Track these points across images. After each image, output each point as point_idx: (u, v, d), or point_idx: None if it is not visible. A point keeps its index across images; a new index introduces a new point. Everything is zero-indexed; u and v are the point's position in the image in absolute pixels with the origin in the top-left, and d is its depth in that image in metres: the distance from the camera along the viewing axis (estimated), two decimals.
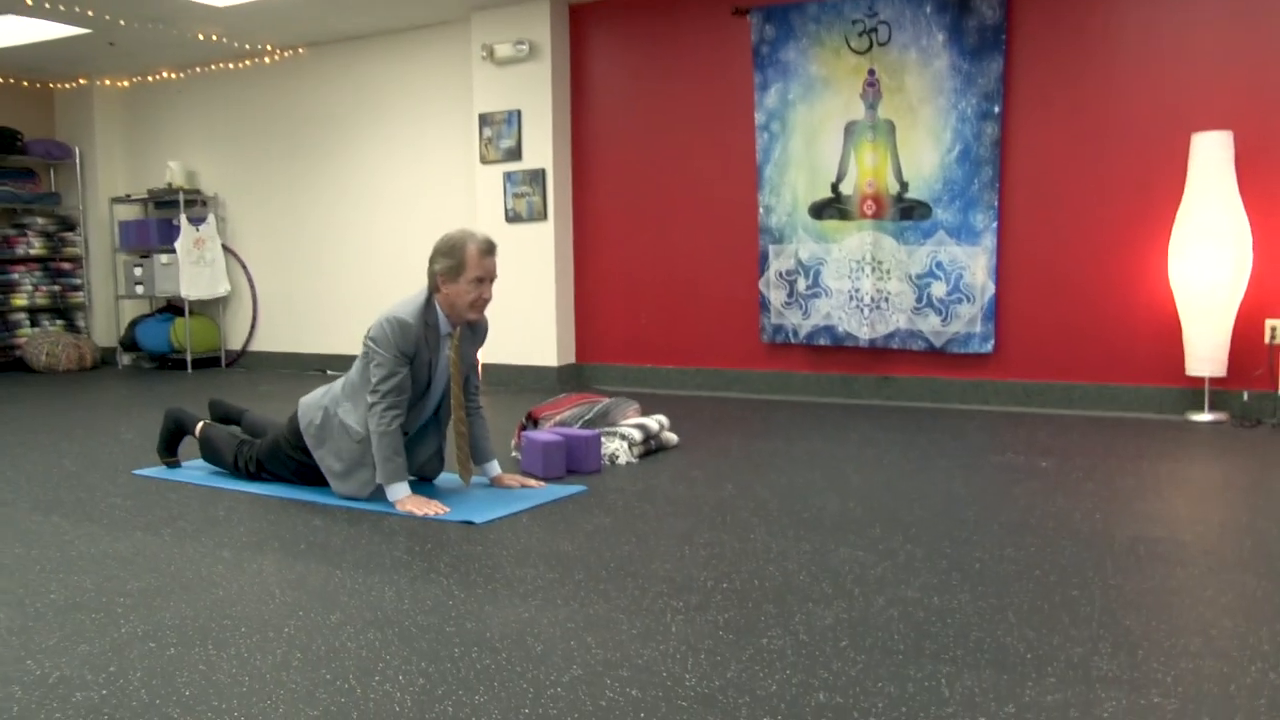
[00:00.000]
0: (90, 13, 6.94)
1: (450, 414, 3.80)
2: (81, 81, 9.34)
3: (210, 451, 4.13)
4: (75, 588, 2.73)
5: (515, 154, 7.06)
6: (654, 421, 4.63)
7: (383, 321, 3.56)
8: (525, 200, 7.06)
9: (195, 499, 3.81)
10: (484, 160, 7.19)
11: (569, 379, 7.05)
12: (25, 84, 9.38)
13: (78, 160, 9.37)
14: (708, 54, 6.57)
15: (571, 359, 7.20)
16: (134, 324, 8.96)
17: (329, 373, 7.94)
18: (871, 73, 5.94)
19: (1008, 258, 5.75)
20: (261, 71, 8.49)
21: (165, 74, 9.01)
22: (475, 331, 3.82)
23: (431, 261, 3.61)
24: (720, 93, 6.54)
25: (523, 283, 7.10)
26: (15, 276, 9.08)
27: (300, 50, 8.24)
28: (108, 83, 9.33)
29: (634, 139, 6.89)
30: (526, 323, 7.12)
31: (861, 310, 6.08)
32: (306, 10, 7.10)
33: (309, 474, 3.83)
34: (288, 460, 3.87)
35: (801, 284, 6.26)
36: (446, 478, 4.05)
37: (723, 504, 3.57)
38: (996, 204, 5.68)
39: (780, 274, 6.35)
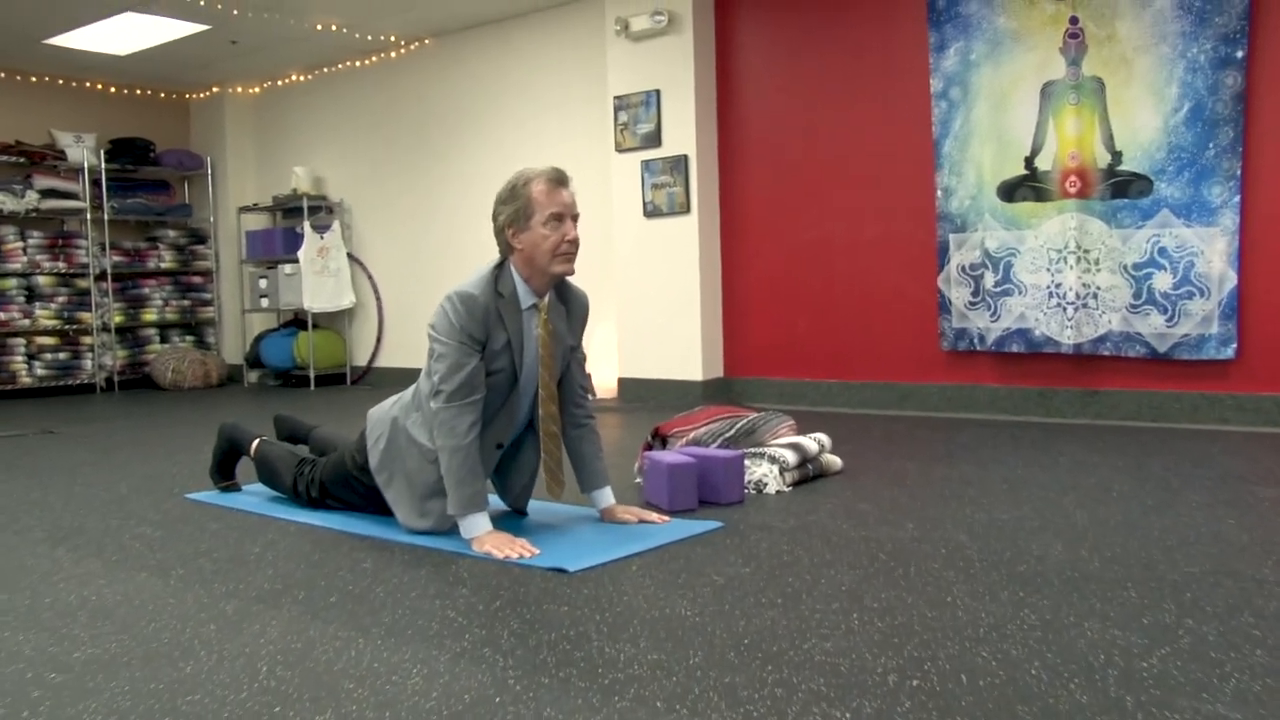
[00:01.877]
0: (202, 1, 6.50)
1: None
2: (214, 90, 9.05)
3: (267, 473, 3.43)
4: (5, 655, 2.01)
5: (654, 139, 6.27)
6: (812, 441, 3.72)
7: (444, 300, 2.78)
8: (665, 191, 6.25)
9: (236, 531, 3.10)
10: (619, 148, 6.43)
11: (716, 395, 6.17)
12: (162, 95, 9.17)
13: (209, 170, 9.07)
14: (873, 14, 5.64)
15: (719, 372, 6.34)
16: (259, 339, 8.55)
17: None
18: (1074, 21, 4.90)
19: (1254, 240, 4.61)
20: (388, 68, 7.98)
21: (294, 77, 8.62)
22: (571, 308, 3.00)
23: (494, 218, 2.87)
24: (888, 58, 5.59)
25: (663, 285, 6.29)
26: (146, 291, 8.81)
27: (426, 41, 7.68)
28: (239, 90, 9.02)
29: (788, 118, 6.00)
30: (667, 331, 6.29)
31: (1064, 310, 5.01)
32: None
33: (380, 500, 3.08)
34: (354, 483, 3.13)
35: (989, 280, 5.23)
36: (540, 507, 3.24)
37: (903, 549, 2.64)
38: (1239, 173, 4.55)
39: (963, 268, 5.34)
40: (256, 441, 3.50)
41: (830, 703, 1.65)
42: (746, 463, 3.51)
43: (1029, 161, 5.08)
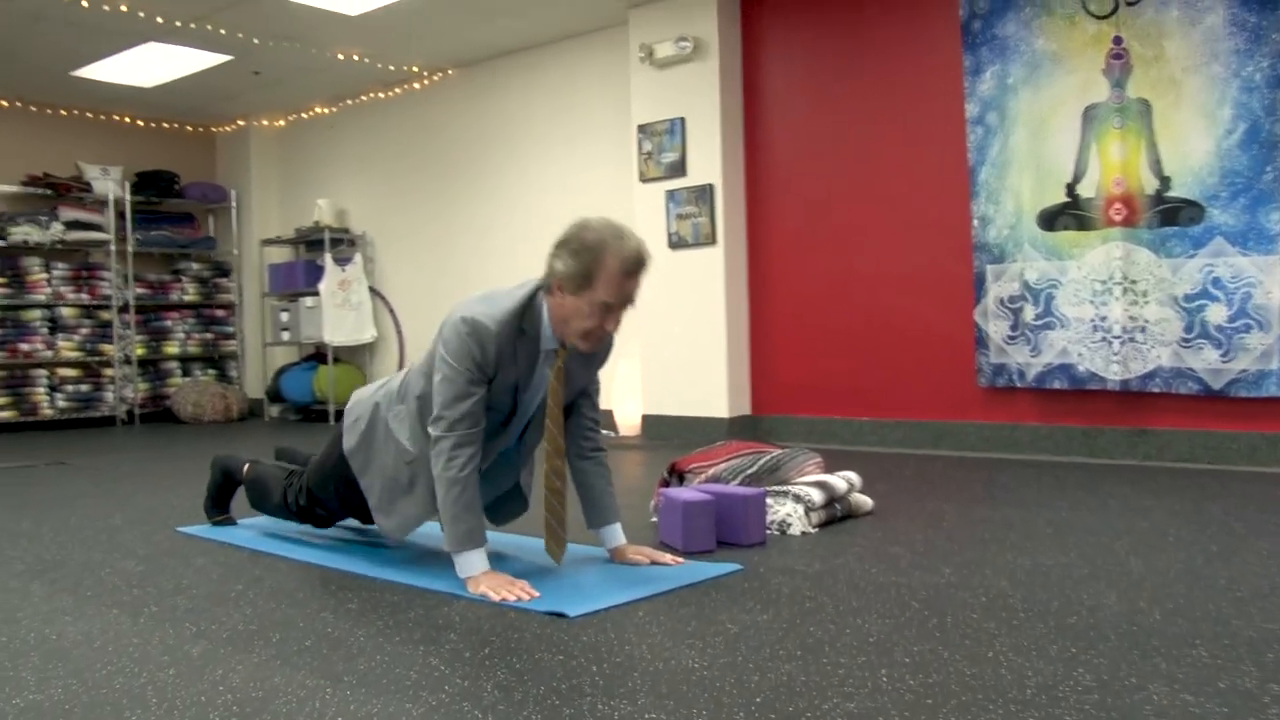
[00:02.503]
0: (222, 31, 6.43)
1: (540, 438, 2.74)
2: (240, 123, 9.00)
3: (258, 493, 3.22)
4: None
5: (679, 169, 6.09)
6: (840, 480, 3.48)
7: (458, 321, 2.51)
8: (690, 222, 6.06)
9: (221, 566, 2.90)
10: (643, 178, 6.25)
11: (743, 433, 5.92)
12: (189, 128, 9.13)
13: (234, 203, 8.99)
14: (905, 37, 5.45)
15: (746, 410, 6.10)
16: (280, 373, 8.40)
17: None
18: (1118, 41, 4.68)
19: None
20: (411, 99, 7.87)
21: (318, 109, 8.55)
22: (594, 353, 2.75)
23: (554, 256, 2.52)
24: (921, 83, 5.38)
25: (688, 318, 6.08)
26: (169, 324, 8.71)
27: (449, 72, 7.57)
28: (265, 123, 8.96)
29: (818, 146, 5.80)
30: (692, 366, 6.08)
31: (1109, 344, 4.75)
32: (447, 20, 6.40)
33: (357, 501, 2.86)
34: (334, 479, 2.89)
35: (1029, 313, 4.98)
36: (538, 547, 3.01)
37: (939, 597, 2.39)
38: None
39: (1001, 301, 5.09)
40: (248, 465, 3.31)
41: None
42: (769, 501, 3.27)
43: (1071, 188, 4.85)
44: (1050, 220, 4.91)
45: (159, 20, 6.23)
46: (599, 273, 2.45)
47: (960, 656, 1.93)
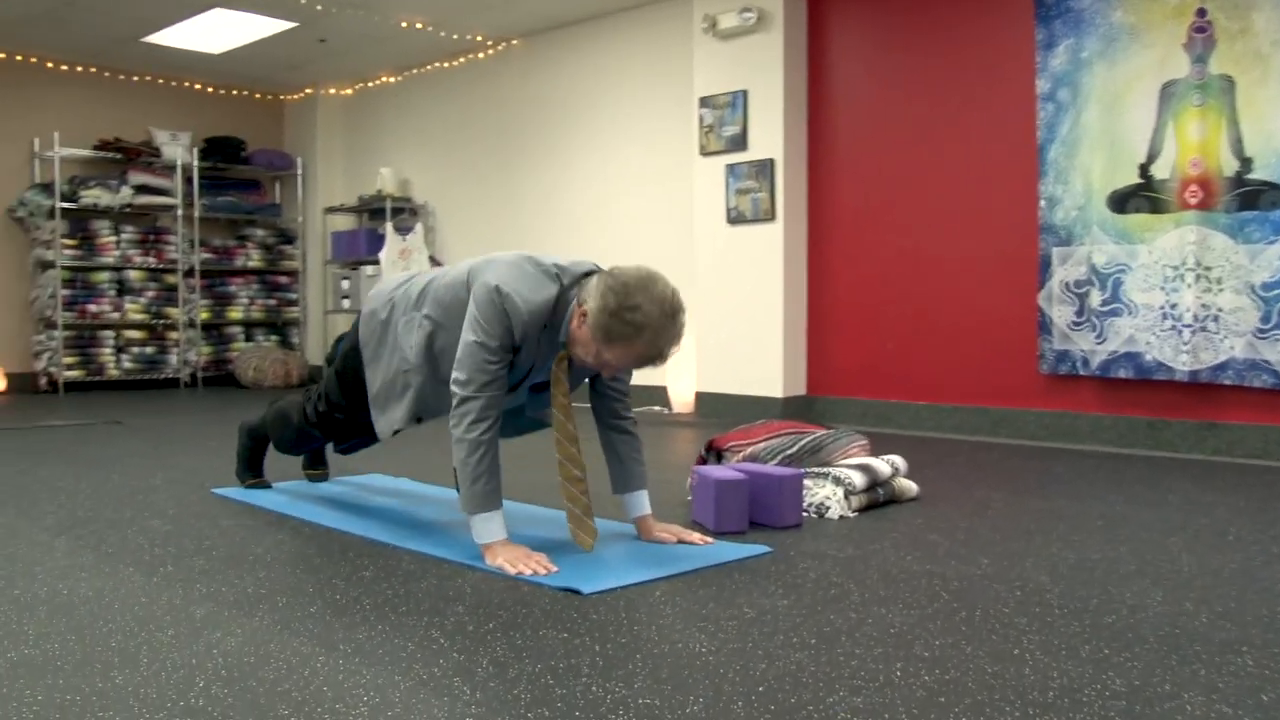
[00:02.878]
0: None
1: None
2: (308, 91, 9.05)
3: (281, 425, 3.24)
4: None
5: (740, 143, 5.96)
6: (884, 464, 3.36)
7: (494, 290, 2.44)
8: (750, 197, 5.93)
9: (247, 529, 2.88)
10: (704, 151, 6.13)
11: (798, 415, 5.80)
12: (258, 96, 9.20)
13: (299, 170, 9.05)
14: (975, 9, 5.24)
15: (801, 390, 5.97)
16: (339, 341, 8.43)
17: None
18: (1201, 14, 4.45)
19: None
20: (475, 68, 7.83)
21: (385, 78, 8.55)
22: None
23: (599, 293, 2.36)
24: (991, 57, 5.19)
25: (745, 295, 5.96)
26: (233, 289, 8.81)
27: (514, 42, 7.51)
28: (332, 91, 9.00)
29: (882, 121, 5.63)
30: (747, 344, 5.96)
31: (1179, 333, 4.54)
32: None
33: (364, 400, 2.86)
34: (348, 371, 2.93)
35: (1095, 298, 4.78)
36: (559, 520, 2.94)
37: (971, 588, 2.28)
38: None
39: (1067, 285, 4.89)
40: (267, 407, 3.34)
41: None
42: (807, 483, 3.17)
43: (1144, 169, 4.63)
44: (1121, 202, 4.70)
45: None
46: (620, 345, 2.38)
47: (983, 653, 1.82)
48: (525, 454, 3.55)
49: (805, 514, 3.09)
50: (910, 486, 3.43)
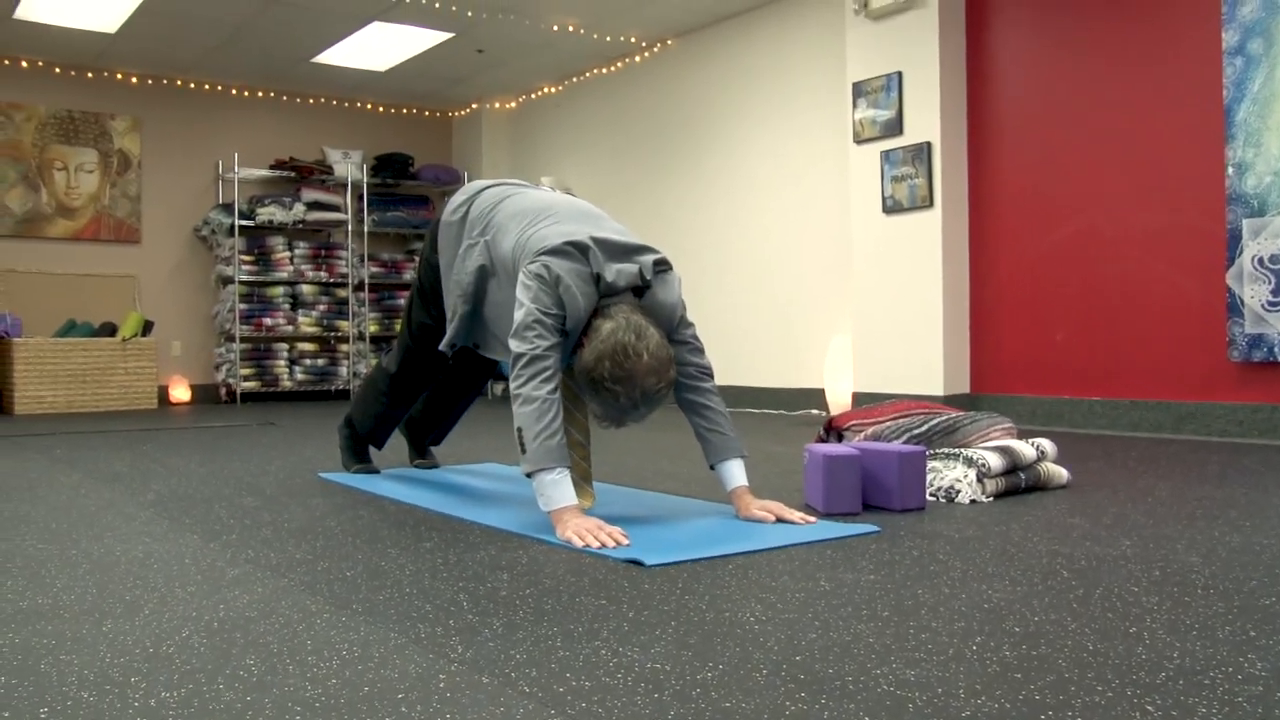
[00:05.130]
0: (437, 4, 6.50)
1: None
2: (474, 106, 9.20)
3: (361, 397, 3.32)
4: None
5: (895, 127, 5.62)
6: (1029, 447, 2.99)
7: (563, 276, 2.36)
8: (906, 184, 5.58)
9: (333, 506, 2.79)
10: (858, 138, 5.81)
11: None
12: (426, 113, 9.42)
13: (465, 184, 9.18)
14: None
15: (964, 388, 5.55)
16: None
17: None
18: None
19: None
20: (632, 72, 7.75)
21: (546, 89, 8.59)
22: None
23: (598, 358, 2.27)
24: (1168, 9, 4.69)
25: (903, 287, 5.60)
26: (401, 302, 9.00)
27: (669, 42, 7.38)
28: (496, 105, 9.11)
29: (1047, 93, 5.18)
30: (907, 340, 5.59)
31: None
32: None
33: (432, 330, 2.99)
34: (420, 298, 3.03)
35: None
36: (670, 501, 2.71)
37: (1100, 567, 1.93)
38: None
39: (1260, 261, 4.34)
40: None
41: None
42: (935, 464, 2.85)
43: None
44: None
45: None
46: (592, 400, 2.37)
47: (1090, 630, 1.49)
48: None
49: (932, 498, 2.77)
50: (1060, 472, 3.04)
